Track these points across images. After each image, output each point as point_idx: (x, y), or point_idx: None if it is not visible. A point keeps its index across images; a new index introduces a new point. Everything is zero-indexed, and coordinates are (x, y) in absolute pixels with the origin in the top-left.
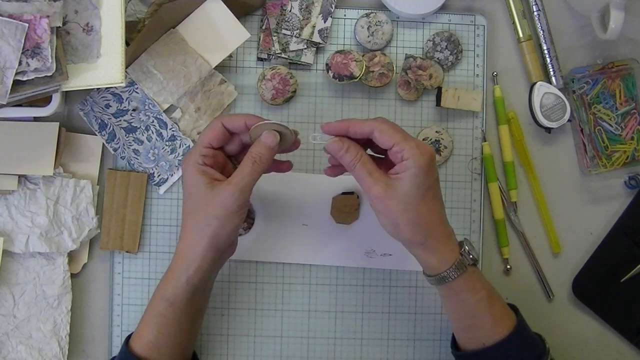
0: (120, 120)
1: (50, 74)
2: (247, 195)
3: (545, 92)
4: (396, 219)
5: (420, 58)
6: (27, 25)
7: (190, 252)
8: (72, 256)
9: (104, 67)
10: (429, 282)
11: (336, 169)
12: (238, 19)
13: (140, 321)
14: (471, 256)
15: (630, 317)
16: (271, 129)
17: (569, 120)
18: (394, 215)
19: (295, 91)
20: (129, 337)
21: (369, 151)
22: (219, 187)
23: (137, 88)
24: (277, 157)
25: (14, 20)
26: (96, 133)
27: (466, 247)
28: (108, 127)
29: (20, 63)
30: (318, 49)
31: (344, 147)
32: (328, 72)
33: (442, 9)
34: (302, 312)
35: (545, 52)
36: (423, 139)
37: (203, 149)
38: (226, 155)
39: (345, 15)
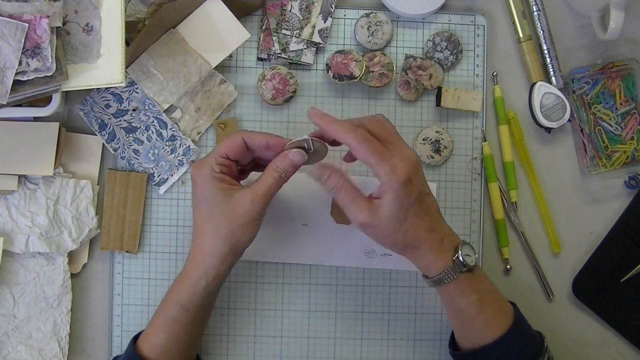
0: (120, 120)
1: (50, 74)
2: (266, 205)
3: (545, 92)
4: (383, 240)
5: (420, 58)
6: (27, 25)
7: (209, 257)
8: (72, 256)
9: (104, 67)
10: (426, 284)
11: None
12: (238, 19)
13: (150, 324)
14: (465, 262)
15: (630, 317)
16: (305, 144)
17: (569, 120)
18: (380, 239)
19: (295, 91)
20: (135, 338)
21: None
22: (239, 194)
23: (137, 88)
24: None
25: (14, 20)
26: (96, 133)
27: (460, 253)
28: (108, 127)
29: (20, 63)
30: (318, 49)
31: (325, 174)
32: (328, 72)
33: (442, 9)
34: (302, 312)
35: (545, 52)
36: (423, 139)
37: (219, 159)
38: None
39: (345, 15)
